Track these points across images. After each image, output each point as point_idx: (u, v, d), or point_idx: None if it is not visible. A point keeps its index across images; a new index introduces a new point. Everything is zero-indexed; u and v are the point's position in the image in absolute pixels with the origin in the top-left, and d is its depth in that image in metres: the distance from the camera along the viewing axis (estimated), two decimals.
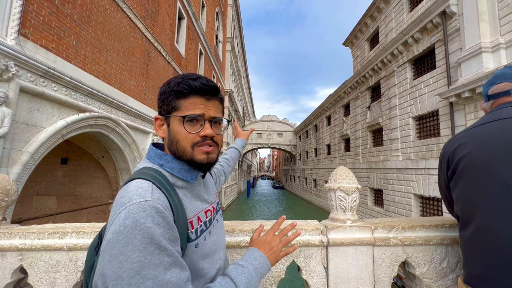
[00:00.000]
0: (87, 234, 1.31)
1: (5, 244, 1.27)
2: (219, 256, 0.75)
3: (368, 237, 1.33)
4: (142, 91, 7.43)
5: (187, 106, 0.68)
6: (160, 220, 0.55)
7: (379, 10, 14.17)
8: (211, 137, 0.69)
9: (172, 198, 0.63)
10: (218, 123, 0.72)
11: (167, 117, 0.71)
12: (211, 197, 0.82)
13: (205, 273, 0.69)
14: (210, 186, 0.87)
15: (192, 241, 0.66)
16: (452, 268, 1.32)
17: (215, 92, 0.71)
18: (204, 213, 0.74)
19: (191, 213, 0.68)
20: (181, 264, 0.58)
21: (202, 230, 0.71)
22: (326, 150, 22.40)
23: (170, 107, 0.69)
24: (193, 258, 0.65)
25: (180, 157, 0.69)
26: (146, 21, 7.54)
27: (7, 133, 3.46)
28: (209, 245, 0.73)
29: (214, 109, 0.71)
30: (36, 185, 7.62)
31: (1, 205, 1.33)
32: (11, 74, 3.46)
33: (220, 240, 0.80)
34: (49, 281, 1.26)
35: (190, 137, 0.67)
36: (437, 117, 9.41)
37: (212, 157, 0.70)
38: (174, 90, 0.68)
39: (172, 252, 0.56)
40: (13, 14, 3.51)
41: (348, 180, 1.40)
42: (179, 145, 0.68)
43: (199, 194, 0.75)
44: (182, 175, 0.70)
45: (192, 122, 0.68)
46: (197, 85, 0.67)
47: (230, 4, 23.91)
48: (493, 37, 7.32)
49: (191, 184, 0.73)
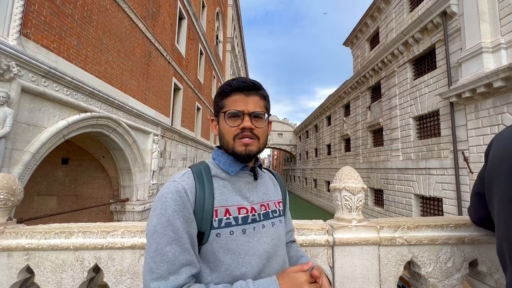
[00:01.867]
0: (94, 233, 1.31)
1: (11, 243, 1.27)
2: (249, 260, 0.71)
3: (373, 236, 1.34)
4: (143, 91, 7.43)
5: (229, 103, 0.77)
6: (177, 198, 0.66)
7: (380, 10, 14.18)
8: (251, 129, 0.75)
9: (201, 184, 0.72)
10: (259, 117, 0.77)
11: (217, 116, 0.82)
12: (256, 199, 0.81)
13: (225, 268, 0.69)
14: (262, 190, 0.84)
15: (214, 229, 0.70)
16: (458, 267, 1.32)
17: (253, 88, 0.78)
18: (237, 209, 0.75)
19: (219, 202, 0.73)
20: (183, 246, 0.64)
21: (229, 223, 0.71)
22: (326, 150, 22.40)
23: (218, 107, 0.80)
24: (213, 246, 0.69)
25: (226, 150, 0.79)
26: (146, 21, 7.53)
27: (9, 133, 3.45)
28: (237, 243, 0.71)
29: (253, 104, 0.77)
30: (36, 185, 7.61)
31: (7, 205, 1.33)
32: (12, 74, 3.45)
33: (258, 246, 0.74)
34: (55, 280, 1.26)
35: (232, 130, 0.76)
36: (437, 117, 9.42)
37: (250, 149, 0.75)
38: (220, 92, 0.80)
39: (178, 230, 0.64)
40: (14, 14, 3.50)
41: (353, 180, 1.40)
42: (224, 139, 0.78)
43: (240, 189, 0.78)
44: (226, 167, 0.79)
45: (233, 117, 0.76)
46: (235, 83, 0.77)
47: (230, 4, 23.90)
48: (493, 37, 7.33)
49: (234, 178, 0.79)
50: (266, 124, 0.80)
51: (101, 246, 1.29)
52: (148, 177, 7.62)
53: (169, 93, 9.50)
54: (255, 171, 0.84)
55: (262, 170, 0.91)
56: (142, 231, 1.32)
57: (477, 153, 7.54)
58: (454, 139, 8.28)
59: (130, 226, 1.38)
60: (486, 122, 7.33)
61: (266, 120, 0.80)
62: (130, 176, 7.12)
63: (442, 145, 8.96)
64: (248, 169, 0.82)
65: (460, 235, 1.33)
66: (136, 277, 1.29)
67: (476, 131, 7.65)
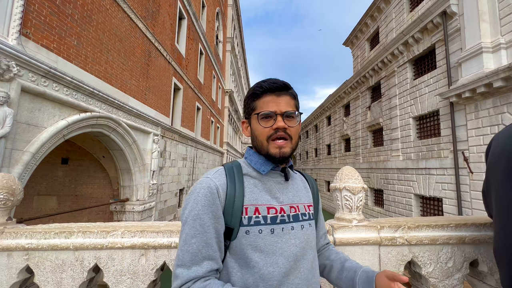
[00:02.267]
0: (93, 233, 1.31)
1: (11, 243, 1.26)
2: (276, 260, 0.71)
3: (374, 236, 1.34)
4: (143, 91, 7.42)
5: (261, 105, 0.79)
6: (208, 194, 0.71)
7: (380, 10, 14.18)
8: (284, 129, 0.76)
9: (233, 182, 0.75)
10: (291, 116, 0.78)
11: (248, 119, 0.84)
12: (286, 200, 0.81)
13: (253, 265, 0.70)
14: (293, 191, 0.84)
15: (243, 226, 0.72)
16: (458, 267, 1.32)
17: (284, 88, 0.79)
18: (267, 208, 0.75)
19: (249, 200, 0.75)
20: (207, 241, 0.69)
21: (258, 221, 0.73)
22: (326, 150, 22.40)
23: (250, 109, 0.82)
24: (242, 243, 0.71)
25: (260, 151, 0.80)
26: (146, 21, 7.53)
27: (9, 133, 3.45)
28: (265, 242, 0.72)
29: (285, 104, 0.78)
30: (36, 185, 7.61)
31: (7, 204, 1.33)
32: (12, 74, 3.45)
33: (286, 247, 0.74)
34: (55, 280, 1.26)
35: (265, 131, 0.77)
36: (437, 117, 9.42)
37: (284, 151, 0.76)
38: (251, 94, 0.81)
39: (205, 224, 0.69)
40: (14, 14, 3.50)
41: (354, 180, 1.40)
42: (258, 140, 0.79)
43: (270, 189, 0.80)
44: (257, 166, 0.81)
45: (266, 118, 0.77)
46: (266, 85, 0.78)
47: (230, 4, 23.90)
48: (493, 37, 7.33)
49: (265, 177, 0.81)
50: (298, 123, 0.81)
51: (101, 246, 1.28)
52: (148, 177, 7.62)
53: (169, 93, 9.50)
54: (286, 171, 0.84)
55: (294, 172, 0.91)
56: (142, 231, 1.32)
57: (477, 153, 7.54)
58: (454, 139, 8.28)
59: (130, 226, 1.38)
60: (486, 122, 7.33)
61: (298, 119, 0.81)
62: (130, 176, 7.12)
63: (442, 145, 8.95)
64: (279, 170, 0.83)
65: (461, 235, 1.32)
66: (136, 277, 1.28)
67: (476, 131, 7.64)
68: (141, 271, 1.29)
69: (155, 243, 1.29)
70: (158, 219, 8.37)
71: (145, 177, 7.46)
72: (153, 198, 7.91)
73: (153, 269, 1.29)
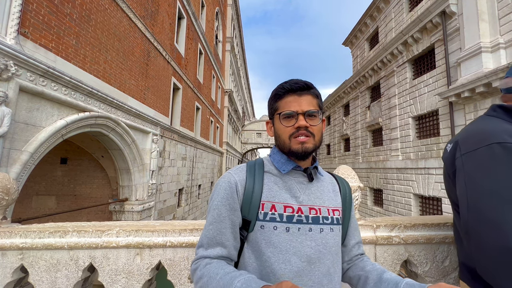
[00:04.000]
0: (88, 233, 1.30)
1: (5, 243, 1.26)
2: (289, 259, 0.72)
3: (370, 235, 1.33)
4: (142, 90, 7.42)
5: (283, 105, 0.81)
6: (227, 188, 0.78)
7: (379, 10, 14.18)
8: (306, 127, 0.78)
9: (252, 178, 0.80)
10: (313, 115, 0.80)
11: (272, 119, 0.87)
12: (306, 200, 0.80)
13: (265, 259, 0.73)
14: (316, 193, 0.83)
15: (259, 221, 0.75)
16: (454, 267, 1.31)
17: (305, 88, 0.81)
18: (283, 207, 0.77)
19: (266, 197, 0.78)
20: (221, 230, 0.75)
21: (273, 218, 0.76)
22: (325, 150, 22.40)
23: (273, 110, 0.84)
24: (257, 236, 0.75)
25: (282, 150, 0.83)
26: (145, 21, 7.52)
27: (7, 133, 3.45)
28: (279, 239, 0.74)
29: (306, 104, 0.80)
30: (35, 185, 7.60)
31: (2, 204, 1.33)
32: (10, 73, 3.44)
33: (300, 247, 0.74)
34: (50, 280, 1.26)
35: (288, 130, 0.79)
36: (436, 117, 9.42)
37: (306, 147, 0.78)
38: (273, 95, 0.84)
39: (222, 214, 0.76)
40: (12, 13, 3.49)
41: (350, 179, 1.39)
42: (280, 139, 0.82)
43: (290, 188, 0.81)
44: (278, 165, 0.83)
45: (288, 118, 0.79)
46: (287, 86, 0.81)
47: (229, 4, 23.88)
48: (492, 37, 7.33)
49: (286, 176, 0.82)
50: (320, 122, 0.81)
51: (95, 245, 1.28)
52: (147, 176, 7.61)
53: (168, 93, 9.49)
54: (309, 172, 0.83)
55: (320, 173, 0.88)
56: (137, 230, 1.31)
57: None
58: None
59: (125, 225, 1.37)
60: None
61: (320, 117, 0.81)
62: (129, 176, 7.11)
63: (441, 144, 8.95)
64: (301, 170, 0.83)
65: None
66: (131, 277, 1.28)
67: None
68: (136, 270, 1.28)
69: (150, 243, 1.29)
70: (157, 219, 8.36)
71: (144, 177, 7.46)
72: (152, 198, 7.91)
73: (148, 269, 1.29)
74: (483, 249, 0.75)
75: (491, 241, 0.73)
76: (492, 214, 0.74)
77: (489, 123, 0.87)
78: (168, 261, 1.30)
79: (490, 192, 0.76)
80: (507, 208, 0.72)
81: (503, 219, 0.72)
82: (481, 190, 0.78)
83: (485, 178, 0.77)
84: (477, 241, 0.78)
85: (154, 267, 1.31)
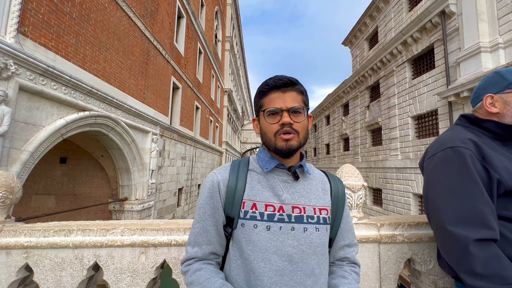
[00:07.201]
0: (93, 231, 1.30)
1: (10, 242, 1.25)
2: (269, 257, 0.72)
3: (374, 234, 1.34)
4: (142, 90, 7.40)
5: (268, 102, 0.80)
6: (210, 187, 0.80)
7: (379, 9, 14.20)
8: (290, 124, 0.77)
9: (235, 177, 0.81)
10: (298, 112, 0.78)
11: (257, 116, 0.86)
12: (290, 199, 0.78)
13: (245, 257, 0.74)
14: (302, 192, 0.81)
15: (240, 219, 0.76)
16: None
17: (289, 84, 0.80)
18: (264, 205, 0.77)
19: (248, 195, 0.78)
20: (205, 227, 0.79)
21: (253, 217, 0.76)
22: (325, 149, 22.43)
23: (258, 107, 0.84)
24: (238, 234, 0.76)
25: (269, 147, 0.82)
26: (145, 20, 7.50)
27: (7, 132, 3.43)
28: (259, 237, 0.73)
29: (290, 100, 0.79)
30: (34, 185, 7.57)
31: (6, 202, 1.32)
32: (10, 72, 3.42)
33: (281, 246, 0.73)
34: (54, 279, 1.26)
35: (272, 127, 0.78)
36: (436, 117, 9.45)
37: (291, 144, 0.77)
38: (258, 92, 0.83)
39: (206, 213, 0.79)
40: (12, 12, 3.47)
41: (354, 178, 1.40)
42: (266, 136, 0.81)
43: (273, 187, 0.80)
44: (262, 164, 0.83)
45: (273, 115, 0.78)
46: (271, 82, 0.80)
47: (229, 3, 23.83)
48: (492, 36, 7.36)
49: (270, 175, 0.82)
50: (306, 118, 0.80)
51: (100, 244, 1.28)
52: (147, 176, 7.60)
53: (168, 92, 9.47)
54: (293, 170, 0.81)
55: (308, 171, 0.85)
56: (142, 229, 1.31)
57: None
58: None
59: (129, 224, 1.37)
60: None
61: (305, 114, 0.80)
62: (128, 175, 7.09)
63: None
64: (285, 168, 0.81)
65: None
66: (136, 275, 1.28)
67: None
68: (141, 269, 1.28)
69: (155, 241, 1.29)
70: (156, 218, 8.35)
71: (144, 177, 7.44)
72: (152, 198, 7.90)
73: (153, 267, 1.29)
74: (434, 232, 0.97)
75: (434, 223, 0.95)
76: (436, 202, 0.93)
77: (452, 132, 1.04)
78: (173, 259, 1.30)
79: (438, 185, 0.94)
80: (448, 196, 0.89)
81: (443, 204, 0.90)
82: (433, 184, 0.96)
83: (437, 175, 0.95)
84: (431, 226, 1.00)
85: (158, 266, 1.31)
